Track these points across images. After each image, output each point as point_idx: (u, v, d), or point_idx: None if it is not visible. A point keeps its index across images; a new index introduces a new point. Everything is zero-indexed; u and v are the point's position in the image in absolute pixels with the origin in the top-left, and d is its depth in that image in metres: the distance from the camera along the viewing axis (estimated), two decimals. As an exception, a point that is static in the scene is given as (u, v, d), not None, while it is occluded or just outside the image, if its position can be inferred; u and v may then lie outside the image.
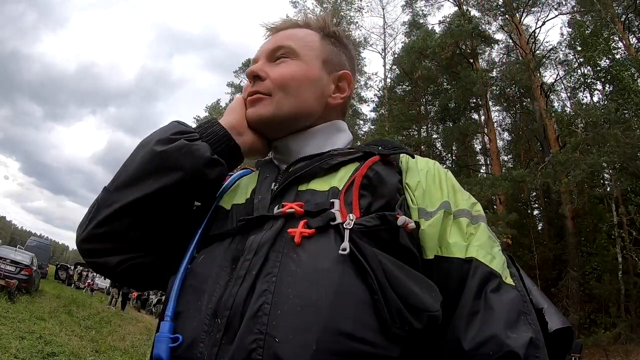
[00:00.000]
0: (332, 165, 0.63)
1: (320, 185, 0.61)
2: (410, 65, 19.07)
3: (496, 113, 20.93)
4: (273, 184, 0.65)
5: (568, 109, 16.97)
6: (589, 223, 15.21)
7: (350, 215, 0.54)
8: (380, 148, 0.66)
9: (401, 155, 0.66)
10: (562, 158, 12.48)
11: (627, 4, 14.37)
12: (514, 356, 0.47)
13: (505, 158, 22.63)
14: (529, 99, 18.76)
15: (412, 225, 0.54)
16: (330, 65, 0.73)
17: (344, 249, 0.50)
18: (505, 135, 22.39)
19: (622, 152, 11.28)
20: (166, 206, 0.64)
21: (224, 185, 0.72)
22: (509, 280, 0.55)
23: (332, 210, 0.55)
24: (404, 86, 21.49)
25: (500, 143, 20.77)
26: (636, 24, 15.22)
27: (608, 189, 15.33)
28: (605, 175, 14.92)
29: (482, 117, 20.06)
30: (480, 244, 0.56)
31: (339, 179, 0.61)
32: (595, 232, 14.36)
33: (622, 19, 14.57)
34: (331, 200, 0.57)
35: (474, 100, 19.24)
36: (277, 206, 0.59)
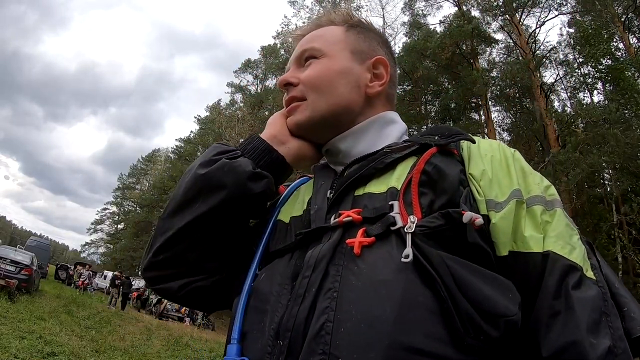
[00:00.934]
0: (387, 163, 0.59)
1: (377, 187, 0.57)
2: (410, 65, 19.06)
3: (496, 113, 20.92)
4: (329, 191, 0.61)
5: (568, 109, 16.99)
6: (589, 223, 15.18)
7: (411, 217, 0.50)
8: (437, 137, 0.61)
9: (462, 141, 0.61)
10: (562, 158, 12.47)
11: (627, 4, 14.36)
12: None
13: (505, 158, 22.58)
14: (529, 99, 18.75)
15: (479, 221, 0.48)
16: (360, 54, 0.70)
17: (407, 256, 0.47)
18: (505, 135, 22.32)
19: (622, 152, 11.26)
20: (219, 226, 0.63)
21: (281, 197, 0.70)
22: (590, 274, 0.49)
23: (392, 214, 0.51)
24: (404, 86, 21.48)
25: (500, 143, 20.72)
26: (636, 23, 15.20)
27: (608, 189, 15.33)
28: (605, 175, 14.92)
29: (482, 117, 20.07)
30: (557, 234, 0.51)
31: (397, 177, 0.57)
32: (595, 232, 14.34)
33: (622, 19, 14.56)
34: (390, 203, 0.53)
35: (474, 100, 19.24)
36: (333, 215, 0.56)
